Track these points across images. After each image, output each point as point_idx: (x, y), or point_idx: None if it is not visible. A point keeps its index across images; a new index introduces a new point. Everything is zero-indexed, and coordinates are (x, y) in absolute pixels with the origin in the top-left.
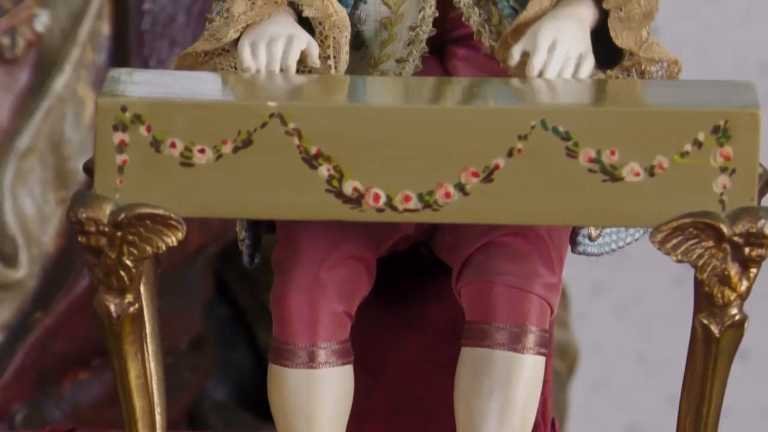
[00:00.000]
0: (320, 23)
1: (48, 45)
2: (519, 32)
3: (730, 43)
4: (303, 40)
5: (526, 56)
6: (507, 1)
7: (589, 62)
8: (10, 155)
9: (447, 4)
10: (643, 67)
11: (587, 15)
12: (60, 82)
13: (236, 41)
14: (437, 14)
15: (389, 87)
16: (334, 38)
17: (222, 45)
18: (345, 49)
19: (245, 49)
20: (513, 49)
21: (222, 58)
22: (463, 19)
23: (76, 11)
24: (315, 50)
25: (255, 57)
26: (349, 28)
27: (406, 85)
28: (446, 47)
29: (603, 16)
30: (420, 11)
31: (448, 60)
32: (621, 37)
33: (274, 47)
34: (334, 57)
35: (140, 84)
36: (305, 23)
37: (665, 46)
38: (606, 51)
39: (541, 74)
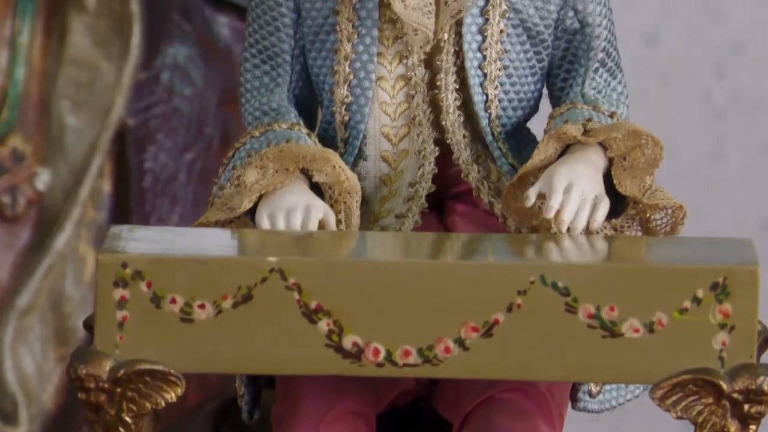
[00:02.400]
0: (330, 188)
1: (49, 203)
2: (524, 182)
3: (728, 202)
4: (320, 210)
5: (541, 199)
6: (505, 158)
7: (605, 204)
8: (11, 313)
9: (446, 161)
10: (647, 214)
11: (598, 160)
12: (61, 240)
13: (250, 209)
14: (436, 171)
15: (389, 242)
16: (345, 203)
17: (236, 215)
18: (356, 213)
19: (264, 222)
20: (529, 191)
21: (234, 226)
22: (462, 175)
23: (77, 169)
24: (332, 219)
25: (274, 228)
26: (360, 193)
27: (405, 240)
28: (445, 203)
29: (610, 163)
30: (419, 168)
31: (448, 216)
32: (625, 185)
33: (293, 218)
34: (345, 221)
35: (141, 240)
36: (315, 185)
37: (668, 193)
38: (610, 198)
39: (557, 215)
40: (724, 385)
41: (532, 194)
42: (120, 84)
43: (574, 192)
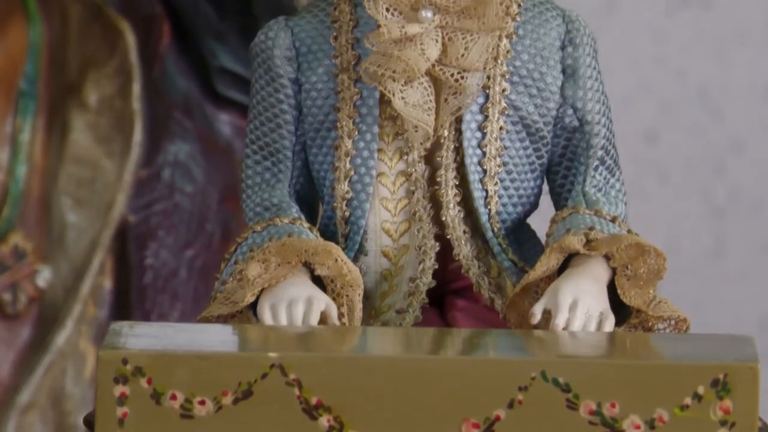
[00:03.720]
0: (332, 281)
1: (50, 300)
2: (526, 291)
3: (728, 300)
4: (322, 302)
5: (546, 315)
6: (505, 253)
7: (611, 321)
8: (11, 411)
9: (446, 257)
10: (650, 324)
11: (602, 273)
12: (61, 338)
13: (252, 303)
14: (437, 266)
15: (389, 337)
16: (347, 296)
17: (239, 308)
18: (359, 306)
19: (266, 313)
20: (534, 307)
21: (236, 320)
22: (462, 271)
23: (78, 266)
24: (334, 311)
25: (276, 320)
26: (362, 286)
27: (406, 335)
28: (446, 298)
29: (614, 273)
30: (420, 263)
31: (448, 311)
32: (629, 295)
33: (295, 310)
34: (348, 314)
35: (142, 336)
36: (318, 279)
37: (672, 304)
38: (613, 307)
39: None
40: None
41: (537, 311)
42: (121, 181)
43: (579, 309)
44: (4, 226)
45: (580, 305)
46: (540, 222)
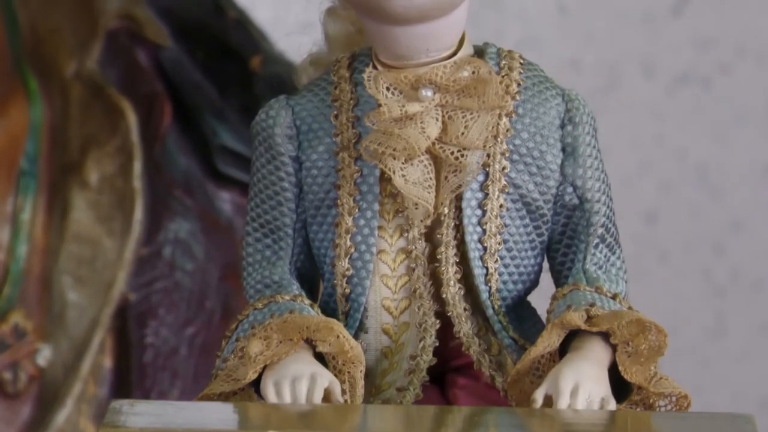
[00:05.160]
0: (334, 358)
1: (50, 379)
2: (527, 367)
3: (728, 379)
4: (326, 378)
5: (548, 400)
6: (506, 331)
7: (612, 406)
8: None
9: (447, 334)
10: (651, 400)
11: (603, 354)
12: (61, 416)
13: (253, 380)
14: (437, 343)
15: (390, 416)
16: (349, 372)
17: (241, 386)
18: (360, 383)
19: (269, 390)
20: (536, 393)
21: (238, 397)
22: (463, 348)
23: (78, 345)
24: (337, 388)
25: (280, 397)
26: (364, 362)
27: (407, 414)
28: (446, 376)
29: (615, 350)
30: (420, 341)
31: (449, 389)
32: (630, 372)
33: (298, 387)
34: (350, 391)
35: (142, 415)
36: (320, 355)
37: (673, 381)
38: (614, 382)
39: None
40: None
41: (539, 396)
42: (122, 259)
43: (581, 395)
44: (5, 305)
45: (581, 390)
46: (540, 299)
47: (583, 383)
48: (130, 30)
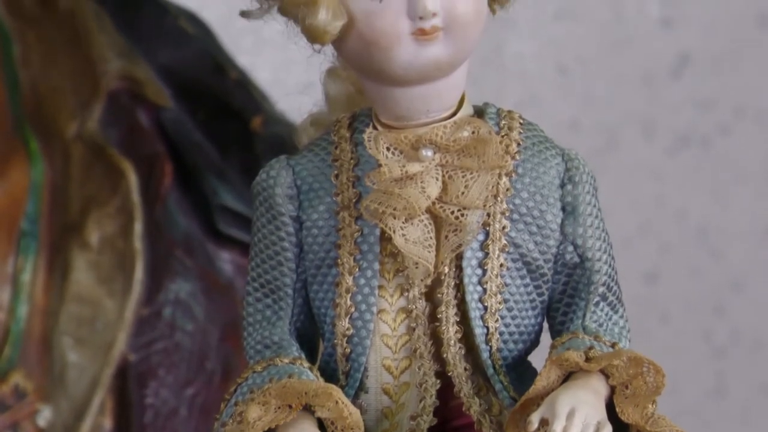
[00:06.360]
0: (333, 423)
1: None
2: (526, 409)
3: None
4: None
5: (544, 425)
6: (507, 391)
7: (608, 430)
8: None
9: (447, 394)
10: None
11: (600, 388)
12: None
13: None
14: (438, 403)
15: None
16: None
17: None
18: None
19: None
20: (532, 416)
21: None
22: (463, 408)
23: (78, 406)
24: None
25: None
26: (363, 429)
27: None
28: None
29: (612, 390)
30: (421, 401)
31: None
32: (627, 413)
33: None
34: None
35: None
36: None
37: (670, 420)
38: (611, 422)
39: None
40: None
41: (534, 419)
42: (122, 320)
43: (577, 418)
44: (5, 366)
45: (577, 414)
46: (540, 359)
47: (579, 407)
48: (131, 91)
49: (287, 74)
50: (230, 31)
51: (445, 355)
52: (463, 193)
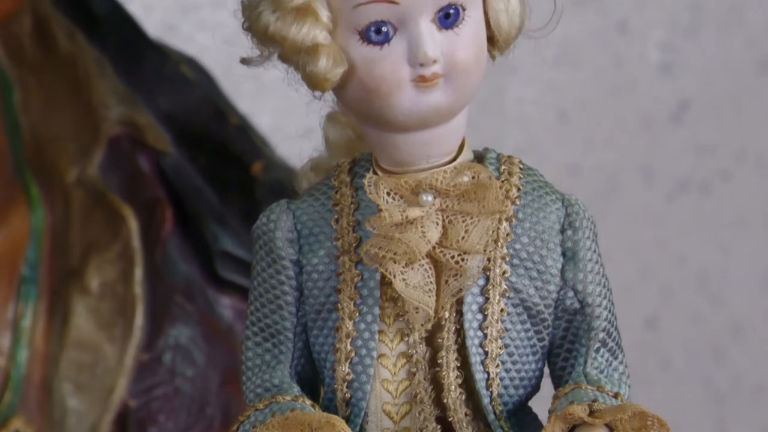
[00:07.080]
0: None
1: None
2: None
3: None
4: None
5: None
6: (500, 425)
7: None
8: None
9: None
10: None
11: None
12: None
13: None
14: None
15: None
16: None
17: None
18: None
19: None
20: None
21: None
22: None
23: None
24: None
25: None
26: None
27: None
28: None
29: None
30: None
31: None
32: None
33: None
34: None
35: None
36: None
37: None
38: None
39: None
40: None
41: None
42: (122, 365)
43: None
44: (6, 411)
45: None
46: (541, 405)
47: None
48: (131, 136)
49: (287, 120)
50: (231, 77)
51: (445, 401)
52: (463, 237)
